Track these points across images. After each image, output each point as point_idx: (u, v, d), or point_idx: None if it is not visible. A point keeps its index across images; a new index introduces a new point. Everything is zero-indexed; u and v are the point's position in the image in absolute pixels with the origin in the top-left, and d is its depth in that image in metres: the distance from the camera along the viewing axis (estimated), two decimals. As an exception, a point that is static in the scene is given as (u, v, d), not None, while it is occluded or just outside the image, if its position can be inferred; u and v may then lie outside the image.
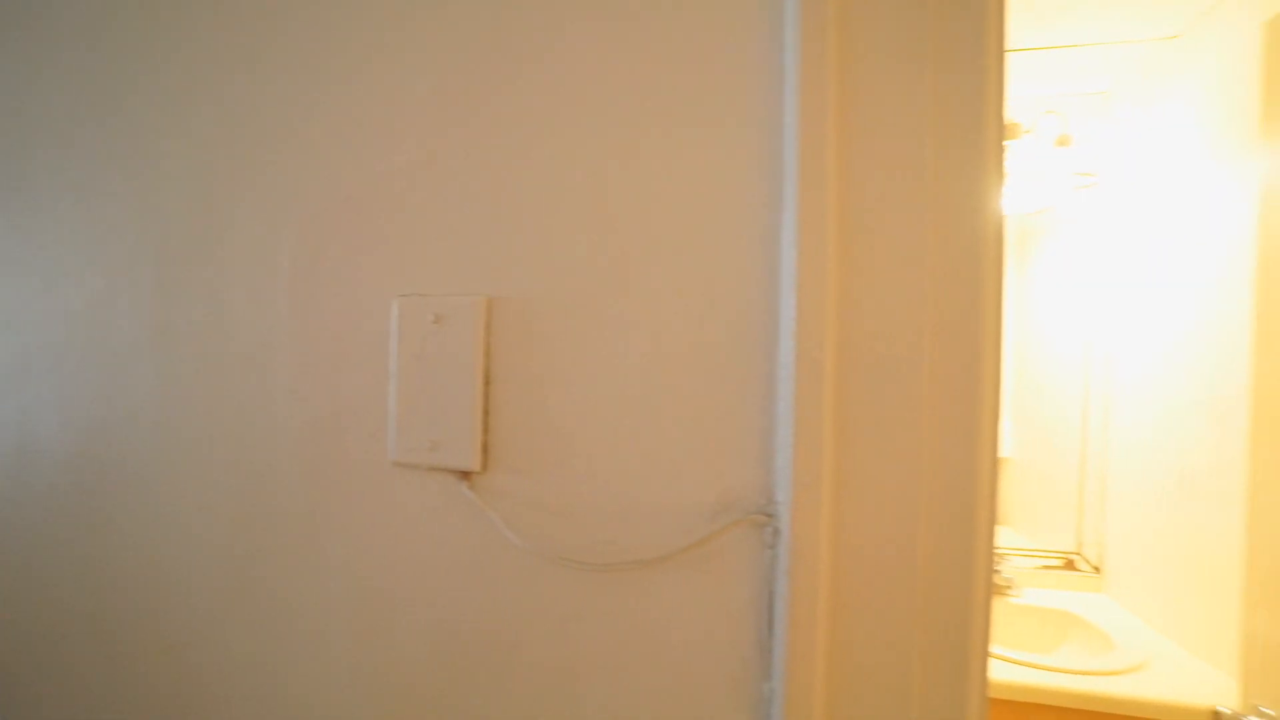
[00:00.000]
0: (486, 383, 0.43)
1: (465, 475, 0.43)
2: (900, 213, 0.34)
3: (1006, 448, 1.91)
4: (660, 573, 0.38)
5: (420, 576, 0.45)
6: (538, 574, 0.42)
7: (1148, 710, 1.14)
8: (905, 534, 0.32)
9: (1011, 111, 1.69)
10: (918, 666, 0.31)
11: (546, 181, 0.42)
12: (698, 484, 0.38)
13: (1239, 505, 1.17)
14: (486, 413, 0.43)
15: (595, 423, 0.40)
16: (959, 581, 0.31)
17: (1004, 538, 1.83)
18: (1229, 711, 0.94)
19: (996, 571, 1.57)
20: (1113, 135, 1.65)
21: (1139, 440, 1.52)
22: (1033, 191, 1.69)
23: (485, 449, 0.43)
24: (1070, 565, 1.70)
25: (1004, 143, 0.38)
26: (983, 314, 0.34)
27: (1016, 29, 1.42)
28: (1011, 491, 1.88)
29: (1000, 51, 0.37)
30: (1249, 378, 0.98)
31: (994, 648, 1.28)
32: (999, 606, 1.55)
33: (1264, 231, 0.95)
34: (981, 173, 0.33)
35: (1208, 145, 1.30)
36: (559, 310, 0.41)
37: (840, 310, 0.33)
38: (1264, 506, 0.94)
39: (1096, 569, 1.66)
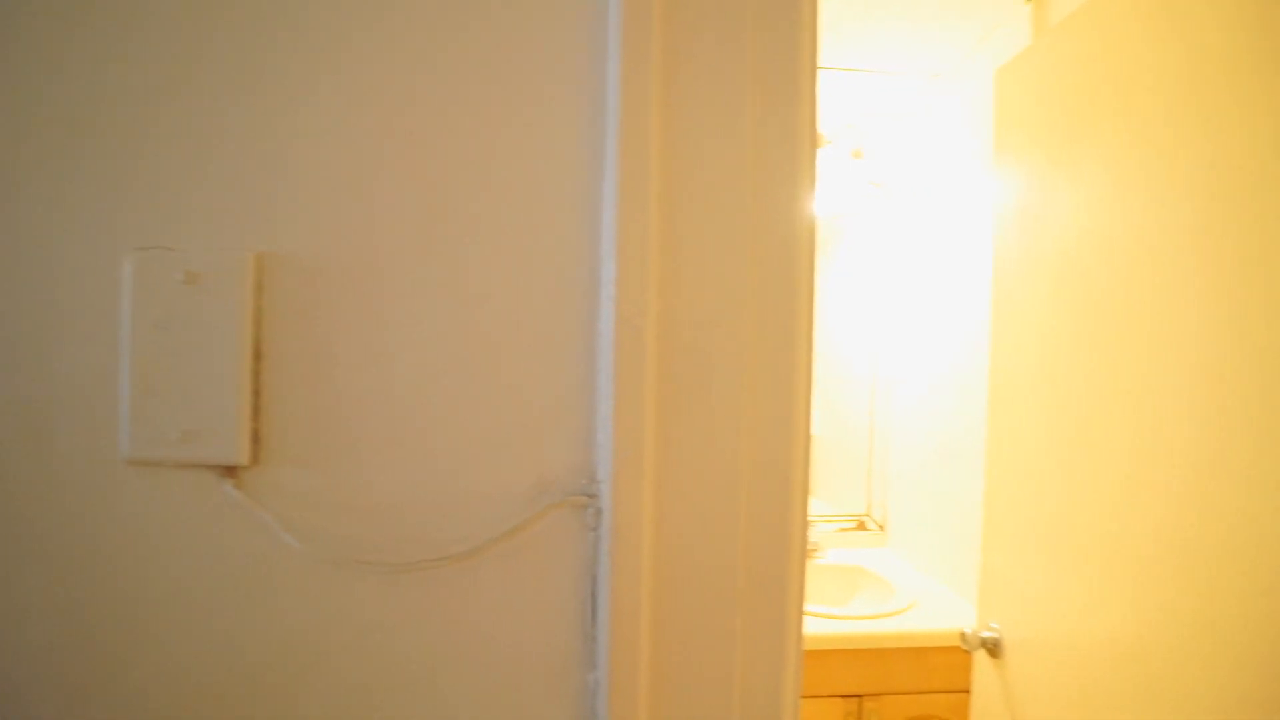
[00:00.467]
0: (257, 358, 0.35)
1: (230, 471, 0.35)
2: (722, 197, 0.34)
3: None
4: (472, 567, 0.34)
5: (180, 596, 0.36)
6: (329, 581, 0.35)
7: (917, 640, 1.35)
8: (728, 510, 0.32)
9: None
10: (740, 646, 0.32)
11: (340, 114, 0.35)
12: (513, 467, 0.34)
13: (979, 465, 1.42)
14: (257, 394, 0.35)
15: (393, 403, 0.35)
16: (778, 557, 0.32)
17: (809, 506, 2.04)
18: (970, 630, 1.13)
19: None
20: (896, 153, 1.90)
21: (911, 416, 1.78)
22: (830, 197, 1.90)
23: (256, 438, 0.35)
24: (861, 526, 1.95)
25: (817, 142, 0.40)
26: (797, 299, 0.35)
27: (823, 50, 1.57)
28: (814, 464, 2.10)
29: (813, 54, 0.38)
30: (987, 362, 1.19)
31: (809, 607, 1.42)
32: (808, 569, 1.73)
33: (997, 244, 1.16)
34: (798, 167, 0.34)
35: (962, 170, 1.55)
36: (350, 272, 0.35)
37: (663, 283, 0.32)
38: (996, 466, 1.15)
39: (881, 527, 1.92)
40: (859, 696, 1.36)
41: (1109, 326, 0.89)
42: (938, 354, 1.64)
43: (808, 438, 0.34)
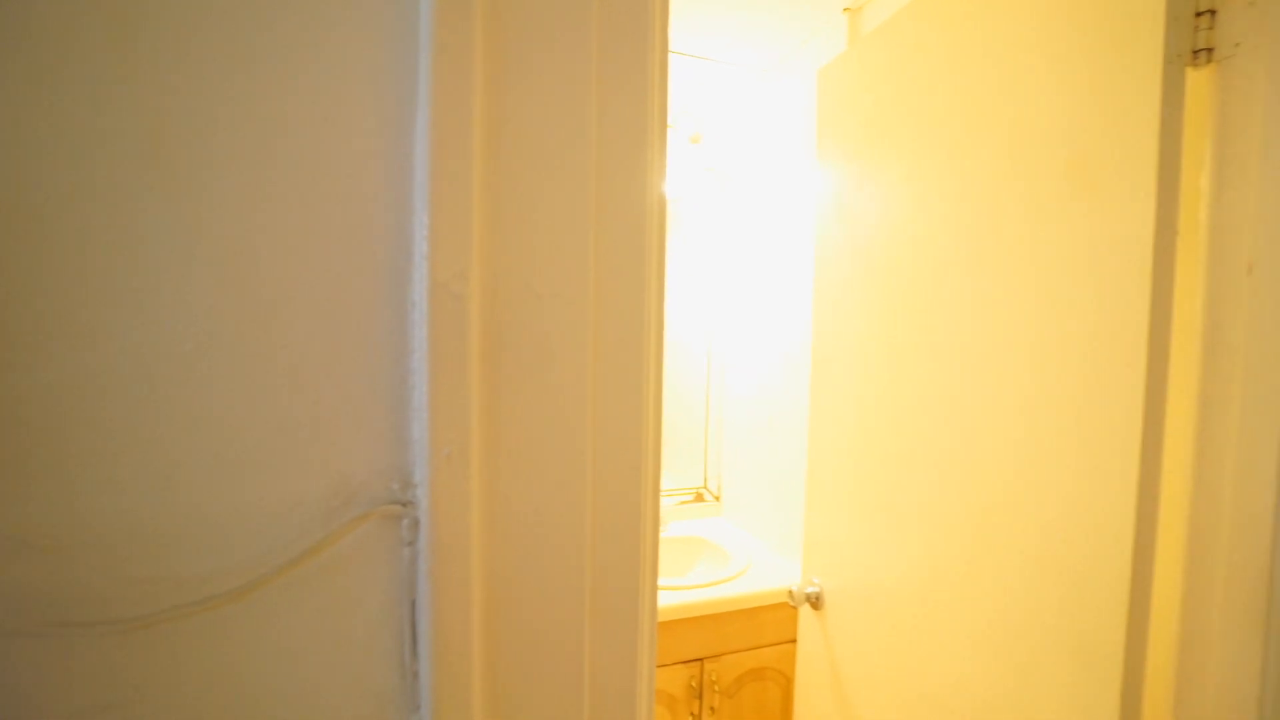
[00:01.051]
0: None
1: None
2: (561, 157, 0.29)
3: (653, 405, 2.18)
4: (249, 606, 0.26)
5: None
6: (22, 662, 0.25)
7: (751, 601, 1.44)
8: (572, 515, 0.28)
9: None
10: (590, 673, 0.28)
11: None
12: (299, 473, 0.27)
13: (801, 436, 1.55)
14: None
15: (119, 399, 0.25)
16: (630, 566, 0.29)
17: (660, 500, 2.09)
18: (795, 588, 1.24)
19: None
20: (732, 141, 1.98)
21: (743, 391, 1.90)
22: (669, 180, 1.93)
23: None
24: (699, 498, 2.04)
25: (666, 116, 0.37)
26: (646, 273, 0.32)
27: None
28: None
29: (664, 25, 0.35)
30: (810, 341, 1.29)
31: (645, 580, 1.45)
32: (648, 543, 1.77)
33: (818, 233, 1.25)
34: (645, 139, 0.31)
35: (791, 162, 1.66)
36: (63, 220, 0.24)
37: (490, 245, 0.27)
38: (817, 436, 1.25)
39: (717, 498, 2.03)
40: (700, 660, 1.42)
41: (904, 311, 1.00)
42: (768, 334, 1.75)
43: (658, 425, 0.31)
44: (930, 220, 0.95)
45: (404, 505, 0.26)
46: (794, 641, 1.44)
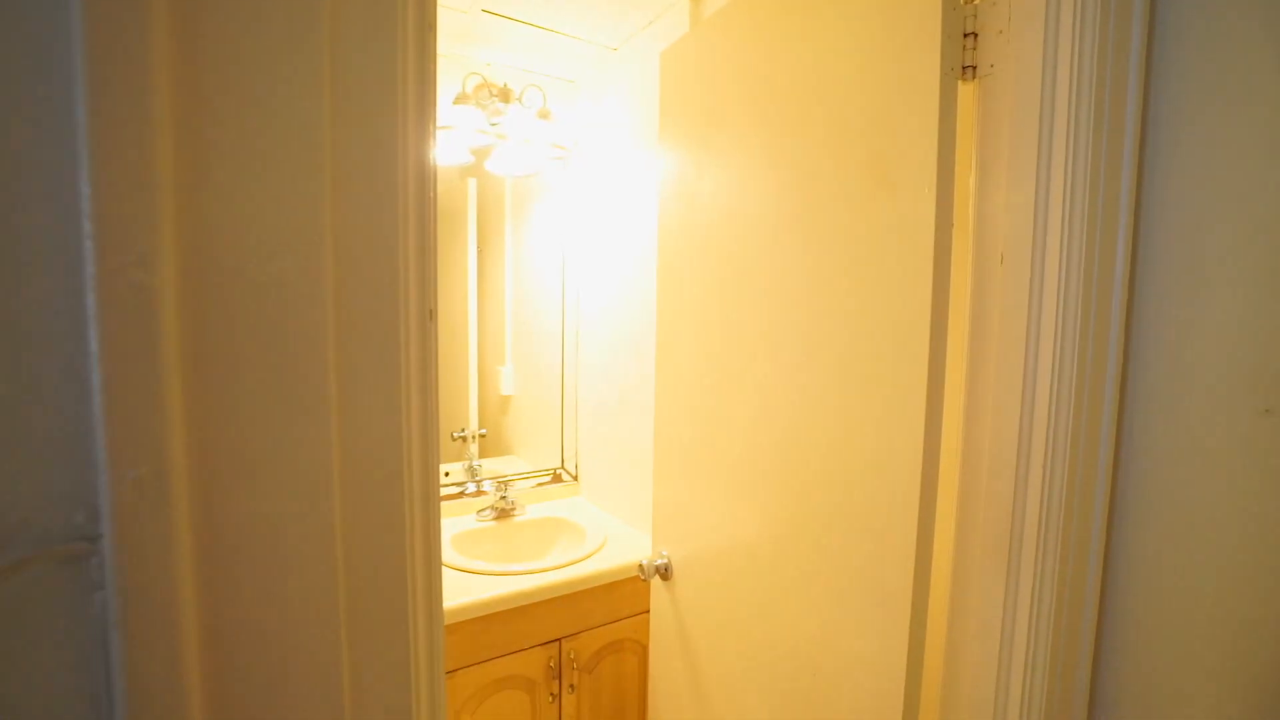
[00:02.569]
0: None
1: None
2: (287, 119, 0.25)
3: (508, 387, 2.12)
4: None
5: None
6: None
7: (607, 577, 1.47)
8: (317, 528, 0.24)
9: (501, 76, 1.81)
10: (351, 713, 0.24)
11: None
12: None
13: (650, 411, 1.60)
14: None
15: None
16: (395, 575, 0.26)
17: (508, 465, 2.05)
18: (646, 561, 1.28)
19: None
20: (581, 119, 1.95)
21: (596, 371, 1.91)
22: (522, 156, 1.87)
23: None
24: (557, 478, 2.04)
25: (434, 76, 0.34)
26: (402, 257, 0.28)
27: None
28: (515, 424, 2.12)
29: None
30: (654, 321, 1.32)
31: (493, 566, 1.42)
32: (504, 530, 1.74)
33: (661, 214, 1.28)
34: (398, 99, 0.27)
35: (634, 144, 1.67)
36: None
37: (189, 224, 0.21)
38: (663, 411, 1.29)
39: (575, 477, 2.04)
40: (558, 640, 1.43)
41: (739, 289, 1.06)
42: (618, 313, 1.77)
43: (428, 421, 0.29)
44: (763, 203, 1.01)
45: (89, 542, 0.21)
46: (649, 612, 1.49)
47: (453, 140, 1.63)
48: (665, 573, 1.28)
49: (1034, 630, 0.64)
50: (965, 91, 0.72)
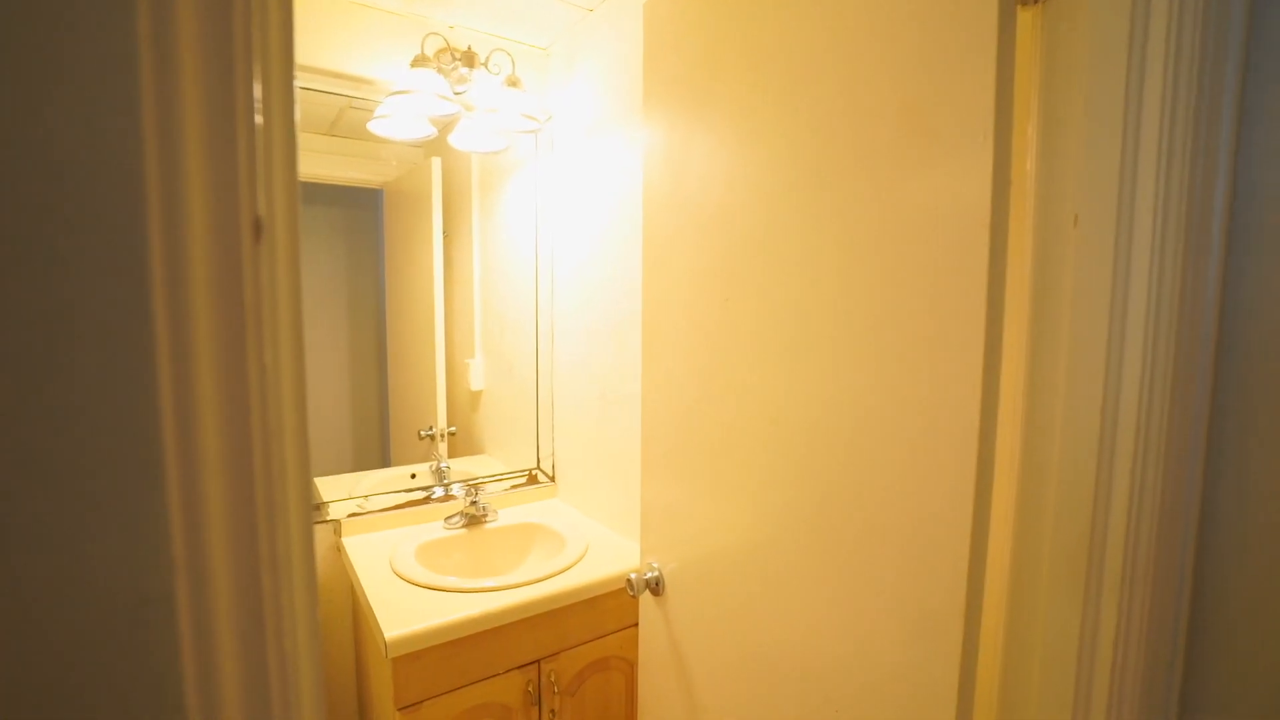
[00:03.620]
0: None
1: None
2: None
3: (478, 382, 1.97)
4: None
5: None
6: None
7: (590, 591, 1.34)
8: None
9: (465, 39, 1.64)
10: None
11: None
12: None
13: (635, 406, 1.47)
14: None
15: None
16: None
17: (480, 466, 1.90)
18: (635, 575, 1.15)
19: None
20: (555, 88, 1.80)
21: (574, 364, 1.77)
22: (489, 129, 1.71)
23: None
24: (533, 479, 1.89)
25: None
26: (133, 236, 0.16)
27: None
28: (486, 421, 1.97)
29: None
30: (639, 309, 1.19)
31: (463, 583, 1.27)
32: (475, 538, 1.59)
33: (647, 189, 1.14)
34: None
35: (614, 115, 1.52)
36: None
37: None
38: (650, 406, 1.16)
39: (552, 478, 1.90)
40: (536, 662, 1.30)
41: (736, 271, 0.93)
42: (597, 301, 1.63)
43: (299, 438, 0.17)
44: (761, 171, 0.88)
45: None
46: (637, 625, 1.37)
47: (411, 106, 1.47)
48: (656, 587, 1.15)
49: (1120, 668, 0.53)
50: (1024, 20, 0.60)
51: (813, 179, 0.80)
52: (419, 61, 1.42)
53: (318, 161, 1.71)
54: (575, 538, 1.53)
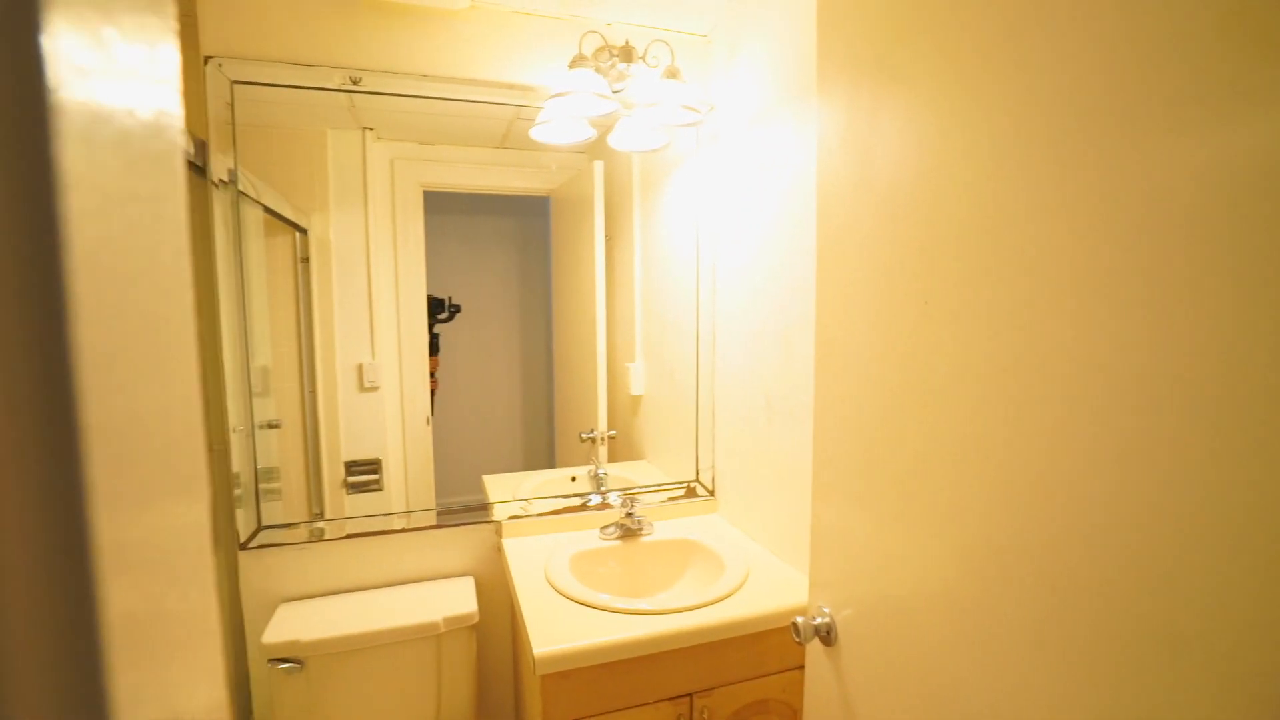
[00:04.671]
0: None
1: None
2: None
3: (638, 386, 1.93)
4: None
5: None
6: None
7: (750, 626, 1.20)
8: None
9: (623, 35, 1.59)
10: None
11: None
12: None
13: (807, 420, 1.30)
14: None
15: None
16: None
17: (638, 473, 1.85)
18: (802, 620, 1.00)
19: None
20: (713, 78, 1.69)
21: (737, 371, 1.64)
22: (649, 125, 1.65)
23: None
24: (691, 492, 1.80)
25: None
26: None
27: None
28: (646, 427, 1.92)
29: None
30: (812, 313, 1.03)
31: (618, 602, 1.21)
32: (629, 551, 1.53)
33: (821, 179, 0.98)
34: None
35: (781, 99, 1.37)
36: None
37: None
38: (823, 422, 1.00)
39: (711, 492, 1.79)
40: (689, 695, 1.20)
41: (938, 270, 0.74)
42: (764, 303, 1.49)
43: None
44: (973, 148, 0.68)
45: None
46: (802, 667, 1.21)
47: (569, 107, 1.45)
48: (827, 636, 0.99)
49: None
50: None
51: (1048, 153, 0.59)
52: (576, 62, 1.40)
53: (490, 174, 1.78)
54: (735, 561, 1.40)
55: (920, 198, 0.77)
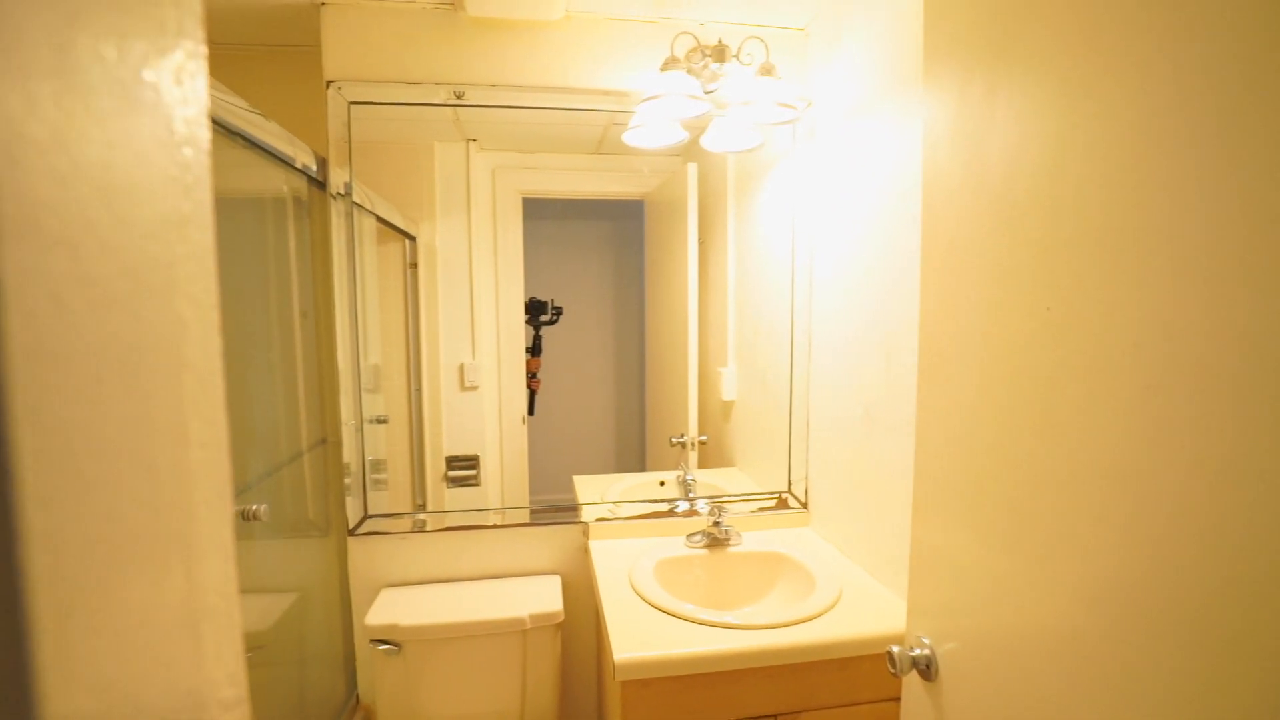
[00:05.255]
0: None
1: None
2: None
3: (730, 391, 1.89)
4: None
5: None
6: None
7: (842, 650, 1.13)
8: None
9: (716, 34, 1.56)
10: None
11: None
12: None
13: (909, 433, 1.21)
14: None
15: None
16: None
17: (727, 480, 1.81)
18: (898, 650, 0.92)
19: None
20: (811, 72, 1.62)
21: (833, 378, 1.56)
22: (744, 125, 1.61)
23: None
24: (782, 503, 1.73)
25: None
26: None
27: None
28: (737, 433, 1.87)
29: None
30: (917, 318, 0.95)
31: (703, 613, 1.18)
32: (716, 561, 1.50)
33: (927, 174, 0.90)
34: None
35: (884, 92, 1.28)
36: None
37: None
38: (926, 434, 0.92)
39: (804, 504, 1.71)
40: (772, 717, 1.15)
41: (1062, 271, 0.65)
42: (863, 306, 1.40)
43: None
44: (1117, 143, 0.59)
45: None
46: (897, 699, 1.12)
47: (660, 110, 1.44)
48: (927, 670, 0.90)
49: None
50: None
51: (1217, 137, 0.50)
52: (668, 64, 1.39)
53: (586, 179, 1.81)
54: (827, 579, 1.33)
55: (1042, 193, 0.68)
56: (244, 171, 1.31)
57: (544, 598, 1.50)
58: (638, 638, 1.13)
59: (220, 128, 1.11)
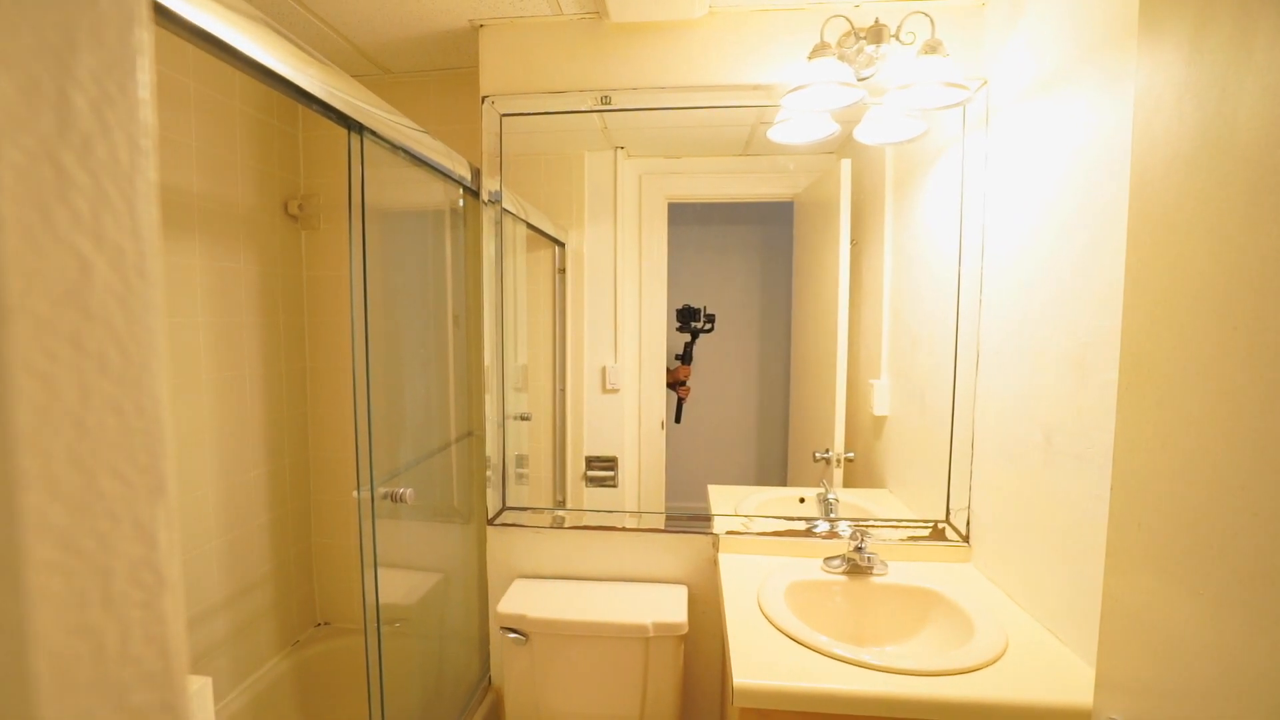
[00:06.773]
0: None
1: None
2: None
3: (882, 406, 1.72)
4: None
5: None
6: None
7: (1003, 715, 0.96)
8: None
9: (872, 14, 1.44)
10: None
11: None
12: None
13: (1103, 464, 1.00)
14: None
15: None
16: None
17: (875, 503, 1.65)
18: (1087, 729, 0.75)
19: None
20: (986, 48, 1.43)
21: (1006, 396, 1.35)
22: (903, 111, 1.46)
23: None
24: (939, 534, 1.54)
25: None
26: None
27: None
28: (889, 451, 1.71)
29: None
30: (1119, 317, 0.77)
31: (839, 649, 1.07)
32: (856, 590, 1.36)
33: (1139, 152, 0.73)
34: None
35: (1080, 58, 1.08)
36: None
37: None
38: (1128, 465, 0.74)
39: (964, 538, 1.51)
40: (918, 779, 1.00)
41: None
42: (1046, 314, 1.19)
43: None
44: None
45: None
46: (1082, 787, 0.92)
47: (807, 102, 1.35)
48: (1121, 761, 0.73)
49: None
50: None
51: None
52: (817, 51, 1.30)
53: (733, 182, 1.77)
54: (989, 626, 1.14)
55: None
56: (411, 187, 1.45)
57: (669, 607, 1.47)
58: (762, 664, 1.05)
59: (392, 146, 1.24)
